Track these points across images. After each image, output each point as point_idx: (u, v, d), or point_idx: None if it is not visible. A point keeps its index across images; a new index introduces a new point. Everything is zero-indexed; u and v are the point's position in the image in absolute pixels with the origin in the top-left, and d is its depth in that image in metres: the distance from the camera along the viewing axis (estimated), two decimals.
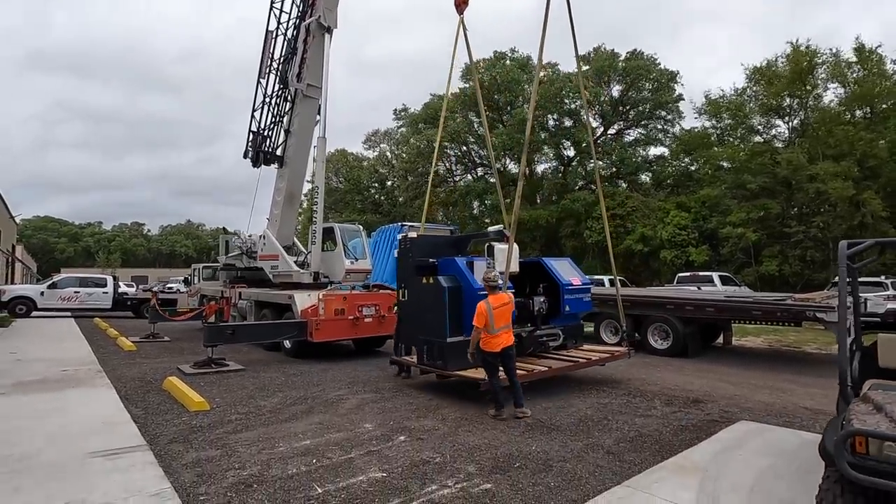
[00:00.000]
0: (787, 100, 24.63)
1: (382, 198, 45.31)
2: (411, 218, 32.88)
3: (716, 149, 26.77)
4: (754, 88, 25.76)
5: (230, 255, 13.54)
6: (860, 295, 11.34)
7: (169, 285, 47.23)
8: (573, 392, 6.94)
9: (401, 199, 41.41)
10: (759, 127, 26.56)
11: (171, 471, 3.94)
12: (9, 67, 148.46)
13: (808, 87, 23.78)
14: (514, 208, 6.87)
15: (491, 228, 7.96)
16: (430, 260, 7.14)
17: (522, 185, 7.76)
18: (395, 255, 8.79)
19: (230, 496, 3.52)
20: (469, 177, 39.33)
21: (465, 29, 8.61)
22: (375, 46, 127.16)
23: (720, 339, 11.85)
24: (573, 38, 8.03)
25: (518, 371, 5.95)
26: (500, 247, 7.00)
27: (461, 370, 6.29)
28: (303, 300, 9.77)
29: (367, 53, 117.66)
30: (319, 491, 3.61)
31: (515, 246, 6.87)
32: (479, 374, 6.06)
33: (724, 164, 26.92)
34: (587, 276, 8.15)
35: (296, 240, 12.91)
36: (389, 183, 45.64)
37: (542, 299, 7.39)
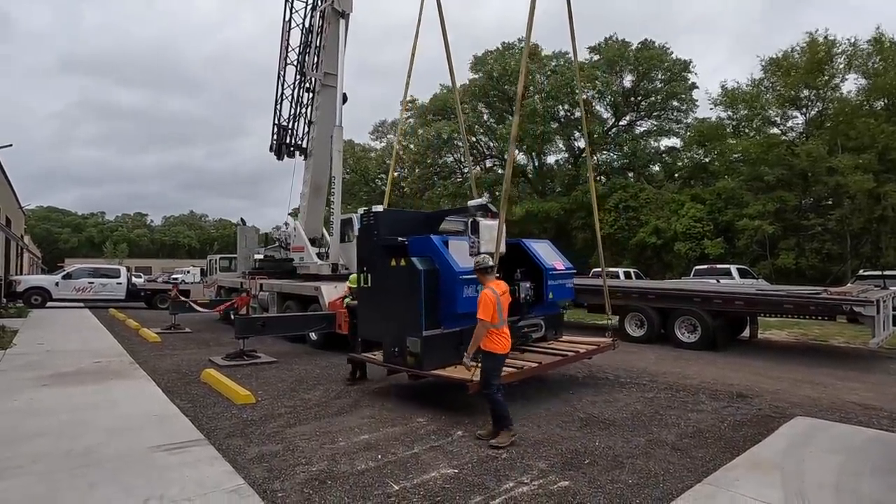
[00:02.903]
0: (805, 91, 24.28)
1: None
2: (421, 209, 32.72)
3: (730, 141, 26.44)
4: (771, 79, 25.38)
5: (269, 246, 13.62)
6: (889, 288, 11.02)
7: (174, 276, 47.22)
8: (614, 386, 6.88)
9: (407, 191, 41.20)
10: (776, 118, 26.25)
11: (239, 466, 3.88)
12: (37, 68, 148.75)
13: (826, 78, 23.42)
14: (506, 175, 5.87)
15: (472, 202, 6.60)
16: (400, 239, 6.03)
17: (514, 149, 6.66)
18: (357, 233, 7.50)
19: (307, 493, 3.46)
20: (478, 168, 39.04)
21: None
22: (380, 54, 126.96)
23: (745, 333, 11.77)
24: (571, 34, 7.27)
25: (505, 367, 4.94)
26: (486, 223, 5.82)
27: (439, 369, 5.37)
28: (330, 292, 9.68)
29: (372, 61, 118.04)
30: (396, 488, 3.55)
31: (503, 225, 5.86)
32: (459, 373, 5.06)
33: (737, 156, 26.62)
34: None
35: (324, 231, 12.86)
36: (396, 174, 45.35)
37: (528, 285, 6.50)
